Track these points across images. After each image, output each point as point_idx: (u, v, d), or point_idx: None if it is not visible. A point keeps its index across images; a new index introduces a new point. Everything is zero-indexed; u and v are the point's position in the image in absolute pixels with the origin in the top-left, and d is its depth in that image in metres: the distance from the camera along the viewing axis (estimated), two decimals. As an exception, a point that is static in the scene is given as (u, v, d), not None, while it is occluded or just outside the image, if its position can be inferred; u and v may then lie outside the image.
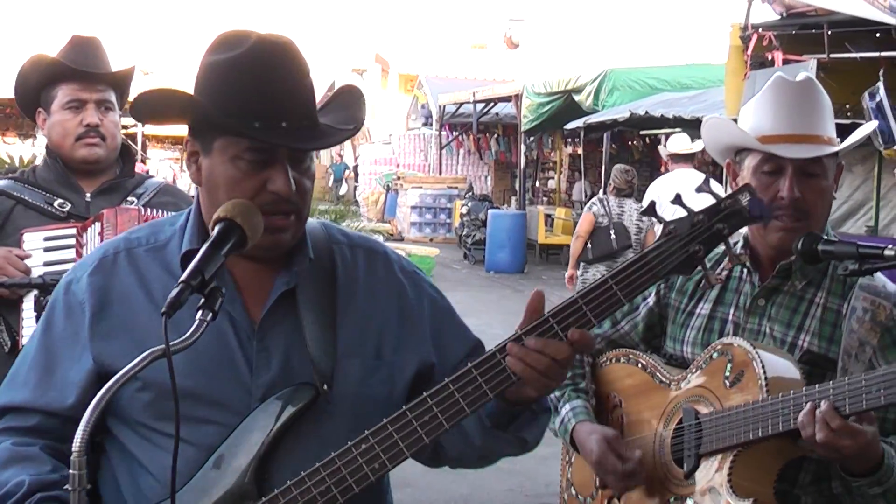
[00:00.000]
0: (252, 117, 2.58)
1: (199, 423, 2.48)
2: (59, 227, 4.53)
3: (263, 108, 2.59)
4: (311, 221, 2.87)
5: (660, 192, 11.91)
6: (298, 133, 2.64)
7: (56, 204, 4.64)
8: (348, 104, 2.85)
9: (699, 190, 2.85)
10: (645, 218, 12.24)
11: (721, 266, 3.52)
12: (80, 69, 4.63)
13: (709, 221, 2.65)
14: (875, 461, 3.09)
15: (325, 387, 2.67)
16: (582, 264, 12.76)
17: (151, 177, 5.23)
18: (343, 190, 44.11)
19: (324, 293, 2.79)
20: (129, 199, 4.72)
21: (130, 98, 2.95)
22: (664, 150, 13.88)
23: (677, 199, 2.70)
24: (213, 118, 2.60)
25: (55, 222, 4.58)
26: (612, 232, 12.31)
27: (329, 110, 2.81)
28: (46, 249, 4.45)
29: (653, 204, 2.82)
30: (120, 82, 4.77)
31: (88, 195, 4.70)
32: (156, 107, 2.74)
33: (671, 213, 2.72)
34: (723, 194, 2.70)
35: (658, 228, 11.29)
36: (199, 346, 2.35)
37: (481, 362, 2.61)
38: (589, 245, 12.56)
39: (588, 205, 13.43)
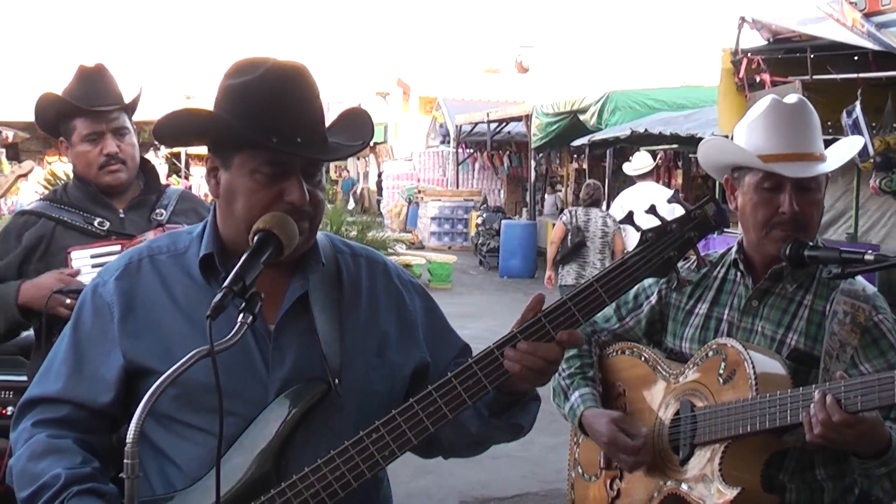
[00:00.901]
0: (270, 133, 2.61)
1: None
2: (105, 245, 4.49)
3: (280, 125, 2.62)
4: (318, 234, 2.89)
5: (627, 201, 13.47)
6: (312, 147, 2.68)
7: (96, 223, 4.59)
8: (356, 123, 2.88)
9: (671, 201, 2.91)
10: (611, 223, 13.13)
11: (694, 268, 3.55)
12: (89, 109, 4.59)
13: (681, 230, 2.75)
14: (883, 443, 3.08)
15: (337, 381, 2.70)
16: (559, 266, 13.47)
17: (168, 185, 5.19)
18: (350, 205, 43.96)
19: (331, 297, 2.82)
20: (157, 210, 4.71)
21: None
22: (629, 167, 14.70)
23: (652, 210, 2.79)
24: (236, 132, 2.62)
25: (96, 240, 4.55)
26: (569, 238, 13.17)
27: (338, 129, 2.84)
28: (94, 266, 4.38)
29: (630, 213, 2.87)
30: (130, 106, 4.73)
31: (121, 211, 4.67)
32: (181, 127, 2.76)
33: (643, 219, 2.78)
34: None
35: (627, 234, 12.63)
36: (217, 342, 2.35)
37: (481, 358, 2.66)
38: (559, 249, 13.37)
39: (560, 216, 14.16)
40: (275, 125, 2.62)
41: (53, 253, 4.55)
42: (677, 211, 2.79)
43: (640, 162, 14.26)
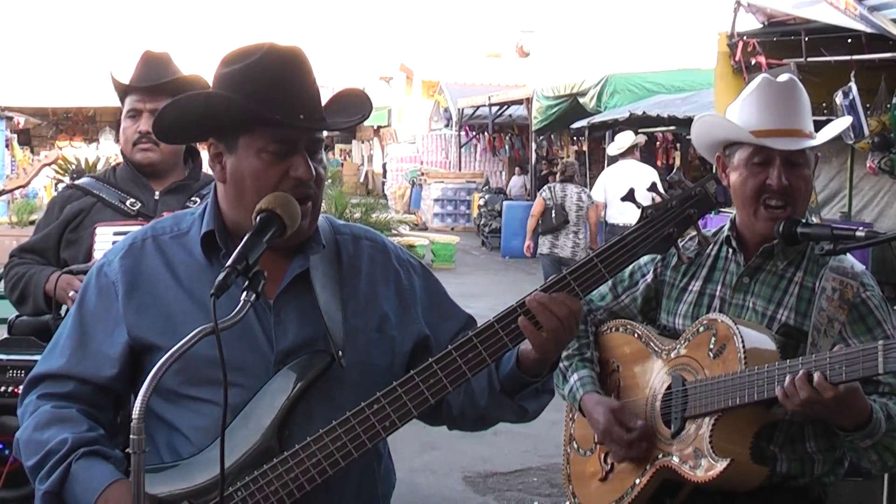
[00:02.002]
0: (274, 112, 2.62)
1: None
2: (129, 224, 4.56)
3: (283, 104, 2.64)
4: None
5: (610, 179, 14.64)
6: (314, 123, 2.71)
7: (128, 203, 4.73)
8: (353, 102, 2.89)
9: (623, 199, 2.91)
10: (585, 198, 14.40)
11: (698, 247, 3.57)
12: (134, 84, 4.73)
13: (681, 207, 2.75)
14: (865, 415, 3.11)
15: (340, 353, 2.72)
16: (535, 235, 14.82)
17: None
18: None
19: (331, 276, 2.84)
20: (193, 198, 4.76)
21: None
22: (613, 146, 15.51)
23: (653, 188, 2.80)
24: (242, 108, 2.63)
25: (126, 219, 4.65)
26: (553, 213, 14.26)
27: (336, 109, 2.85)
28: (115, 243, 4.45)
29: (632, 191, 2.87)
30: (180, 91, 4.72)
31: (157, 194, 4.76)
32: (184, 113, 2.76)
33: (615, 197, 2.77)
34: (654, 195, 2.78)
35: (608, 208, 13.79)
36: (220, 319, 2.37)
37: (481, 331, 2.68)
38: (540, 221, 14.57)
39: (540, 191, 15.16)
40: (278, 104, 2.63)
41: (86, 226, 4.72)
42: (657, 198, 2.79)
43: (622, 141, 15.02)
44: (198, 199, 4.74)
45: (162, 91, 4.68)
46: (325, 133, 2.90)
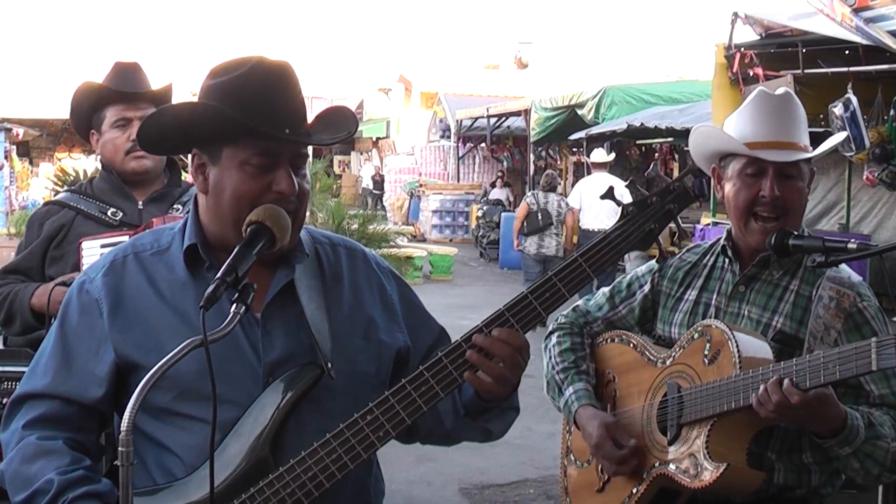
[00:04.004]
0: (259, 124, 2.61)
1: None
2: (115, 235, 4.52)
3: (268, 117, 2.63)
4: None
5: (585, 188, 17.01)
6: (299, 137, 2.70)
7: (109, 213, 4.68)
8: (337, 120, 2.88)
9: (602, 198, 2.93)
10: (563, 205, 16.68)
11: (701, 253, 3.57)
12: (123, 91, 4.67)
13: (661, 202, 2.75)
14: (839, 421, 3.11)
15: (329, 365, 2.70)
16: (521, 236, 16.80)
17: (193, 184, 5.25)
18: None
19: (315, 286, 2.83)
20: (175, 206, 4.74)
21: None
22: (590, 159, 18.50)
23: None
24: (228, 118, 2.61)
25: (110, 230, 4.60)
26: (538, 215, 16.48)
27: (321, 127, 2.83)
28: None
29: (611, 188, 2.88)
30: (160, 99, 4.75)
31: (140, 203, 4.73)
32: (168, 123, 2.74)
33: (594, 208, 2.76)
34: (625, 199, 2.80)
35: (582, 214, 15.85)
36: (208, 333, 2.36)
37: (467, 340, 2.69)
38: (525, 224, 16.77)
39: (524, 198, 17.68)
40: (263, 117, 2.62)
41: (70, 241, 4.63)
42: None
43: (597, 156, 17.97)
44: (180, 207, 4.73)
45: (144, 99, 4.69)
46: (310, 149, 2.88)
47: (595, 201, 16.10)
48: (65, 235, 4.67)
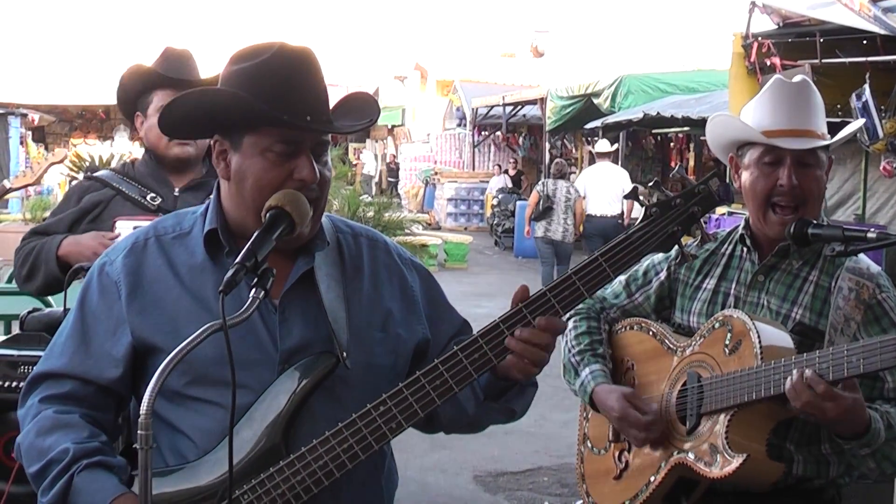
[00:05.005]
0: (281, 112, 2.61)
1: (229, 386, 2.43)
2: (148, 218, 4.53)
3: (290, 105, 2.62)
4: None
5: (589, 176, 17.94)
6: (321, 125, 2.69)
7: (149, 197, 4.71)
8: (360, 106, 2.87)
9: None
10: (573, 192, 17.06)
11: (698, 243, 3.56)
12: (173, 77, 4.67)
13: (685, 205, 2.72)
14: (863, 425, 3.10)
15: (345, 355, 2.70)
16: (532, 223, 17.48)
17: None
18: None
19: (334, 275, 2.82)
20: (211, 195, 4.75)
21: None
22: (595, 149, 19.44)
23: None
24: (250, 106, 2.61)
25: (146, 213, 4.60)
26: (546, 203, 16.90)
27: (343, 113, 2.82)
28: None
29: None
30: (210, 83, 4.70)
31: (177, 190, 4.76)
32: (192, 108, 2.74)
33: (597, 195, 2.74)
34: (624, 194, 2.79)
35: (587, 201, 16.72)
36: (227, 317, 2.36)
37: (486, 332, 2.67)
38: (535, 210, 17.33)
39: (536, 186, 18.32)
40: (286, 104, 2.62)
41: (104, 219, 4.68)
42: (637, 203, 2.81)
43: (600, 146, 18.67)
44: None
45: (193, 87, 4.66)
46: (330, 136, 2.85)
47: (598, 189, 17.25)
48: (100, 213, 4.72)
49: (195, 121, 2.78)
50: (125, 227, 4.50)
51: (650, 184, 2.77)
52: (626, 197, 2.90)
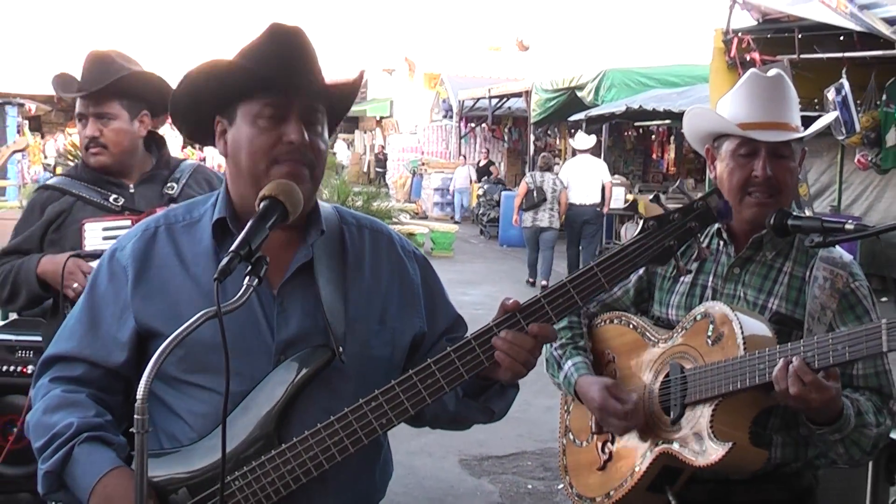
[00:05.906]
0: (271, 72, 2.64)
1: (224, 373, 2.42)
2: (116, 219, 4.52)
3: (279, 68, 2.64)
4: (325, 205, 2.91)
5: (570, 168, 18.94)
6: (310, 85, 2.71)
7: (111, 199, 4.63)
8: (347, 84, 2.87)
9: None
10: (558, 183, 18.18)
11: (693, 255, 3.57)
12: (73, 94, 4.62)
13: (682, 220, 2.71)
14: (836, 413, 3.11)
15: (341, 349, 2.69)
16: (521, 212, 18.40)
17: (185, 158, 5.20)
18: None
19: (335, 267, 2.82)
20: (169, 183, 4.72)
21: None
22: (574, 143, 20.04)
23: (656, 199, 2.77)
24: (244, 68, 2.63)
25: (111, 215, 4.57)
26: (534, 193, 18.07)
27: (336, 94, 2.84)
28: (105, 238, 4.43)
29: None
30: (126, 89, 4.65)
31: (131, 187, 4.69)
32: (199, 86, 2.74)
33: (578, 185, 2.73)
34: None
35: (569, 191, 17.59)
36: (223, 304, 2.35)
37: (479, 335, 2.66)
38: (524, 200, 18.35)
39: (525, 177, 19.37)
40: (275, 66, 2.64)
41: (69, 224, 4.61)
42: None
43: (580, 140, 19.37)
44: (174, 185, 4.71)
45: (105, 93, 4.59)
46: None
47: (579, 179, 18.43)
48: (63, 220, 4.63)
49: (200, 99, 2.77)
50: (94, 229, 4.49)
51: (651, 198, 2.76)
52: (651, 201, 2.89)
